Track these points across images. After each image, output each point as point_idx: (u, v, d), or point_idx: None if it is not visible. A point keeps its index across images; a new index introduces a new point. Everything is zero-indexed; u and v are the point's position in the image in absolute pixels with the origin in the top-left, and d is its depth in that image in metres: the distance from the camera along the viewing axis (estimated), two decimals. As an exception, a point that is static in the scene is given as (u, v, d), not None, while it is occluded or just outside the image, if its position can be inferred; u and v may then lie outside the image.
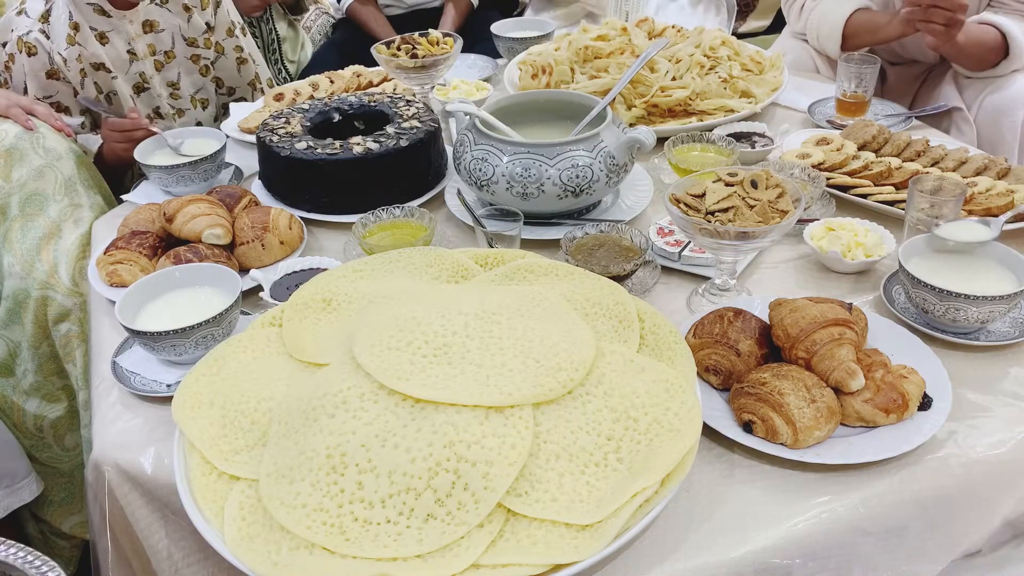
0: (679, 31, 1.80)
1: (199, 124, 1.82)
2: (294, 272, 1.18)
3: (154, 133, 1.50)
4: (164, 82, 1.70)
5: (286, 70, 2.45)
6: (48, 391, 1.42)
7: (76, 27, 1.55)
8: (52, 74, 1.58)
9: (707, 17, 2.40)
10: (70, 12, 1.56)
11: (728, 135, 1.48)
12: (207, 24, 1.71)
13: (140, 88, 1.69)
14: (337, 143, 1.35)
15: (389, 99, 1.51)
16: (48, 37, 1.55)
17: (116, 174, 1.64)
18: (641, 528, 0.71)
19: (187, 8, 1.67)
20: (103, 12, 1.59)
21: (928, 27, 1.54)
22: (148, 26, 1.63)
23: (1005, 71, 1.65)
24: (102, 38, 1.60)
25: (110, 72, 1.62)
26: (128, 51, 1.63)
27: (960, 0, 1.49)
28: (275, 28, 2.36)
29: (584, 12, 2.60)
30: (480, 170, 1.23)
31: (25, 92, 1.59)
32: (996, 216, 1.21)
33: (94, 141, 1.63)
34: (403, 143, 1.35)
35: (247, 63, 1.85)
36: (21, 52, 1.54)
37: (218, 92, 1.84)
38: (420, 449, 0.72)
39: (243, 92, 1.90)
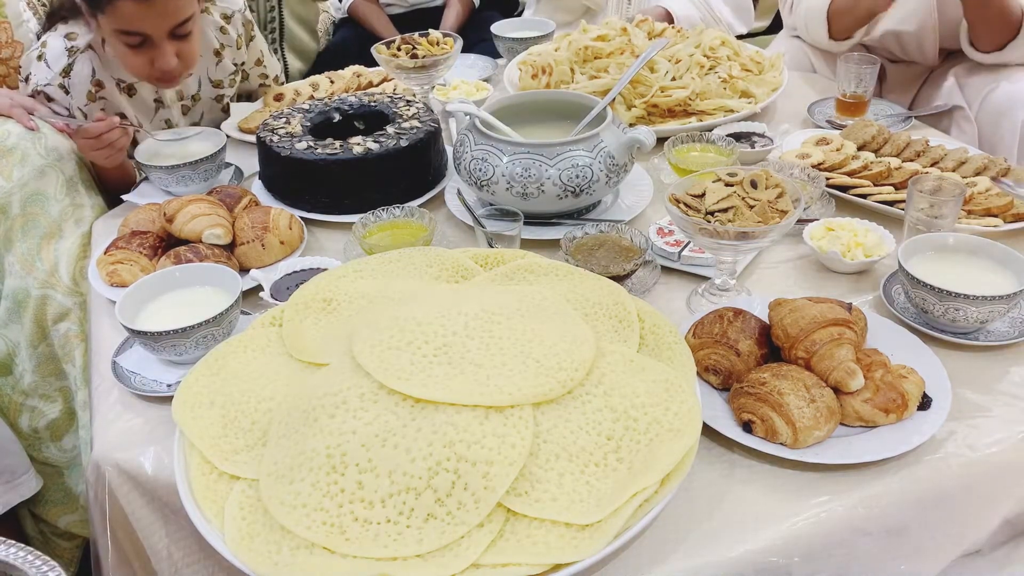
0: (679, 31, 1.80)
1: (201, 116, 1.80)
2: (294, 272, 1.18)
3: (130, 130, 1.45)
4: (188, 124, 1.68)
5: (284, 61, 2.43)
6: (45, 392, 1.42)
7: (99, 84, 1.50)
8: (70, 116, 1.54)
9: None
10: (93, 69, 1.50)
11: (728, 135, 1.48)
12: (234, 64, 1.69)
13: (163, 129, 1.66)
14: (337, 143, 1.35)
15: (389, 99, 1.51)
16: (67, 92, 1.50)
17: (119, 187, 1.59)
18: (641, 528, 0.71)
19: (217, 53, 1.64)
20: None
21: None
22: None
23: (1009, 56, 1.64)
24: (129, 90, 1.56)
25: (129, 121, 1.57)
26: (155, 99, 1.60)
27: None
28: (280, 17, 2.33)
29: (584, 10, 2.59)
30: (480, 170, 1.23)
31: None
32: (996, 216, 1.21)
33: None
34: (403, 143, 1.35)
35: (267, 85, 1.84)
36: (39, 98, 1.51)
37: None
38: (420, 449, 0.72)
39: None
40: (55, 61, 1.48)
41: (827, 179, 1.31)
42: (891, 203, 1.27)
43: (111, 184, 1.56)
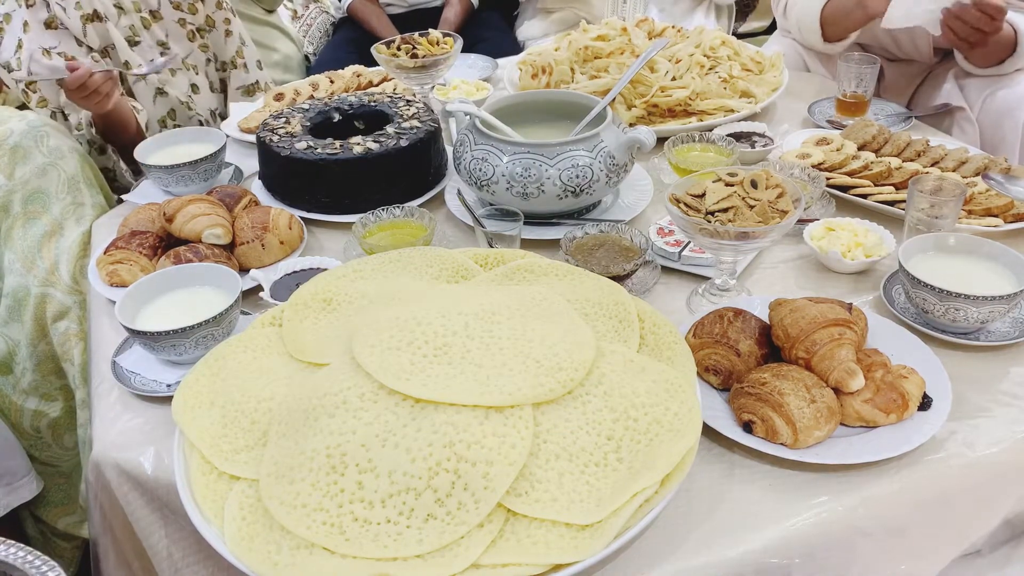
0: (679, 31, 1.80)
1: (194, 87, 1.80)
2: (294, 272, 1.18)
3: (111, 72, 1.45)
4: (154, 40, 1.68)
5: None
6: (46, 391, 1.42)
7: None
8: (51, 24, 1.55)
9: (707, 22, 2.40)
10: None
11: (728, 135, 1.48)
12: None
13: (132, 42, 1.66)
14: (337, 143, 1.35)
15: (389, 99, 1.51)
16: None
17: (123, 134, 1.58)
18: (641, 528, 0.71)
19: None
20: None
21: (955, 41, 1.53)
22: None
23: (1008, 69, 1.64)
24: None
25: (103, 20, 1.59)
26: (115, 4, 1.61)
27: (997, 24, 1.48)
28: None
29: (577, 20, 2.60)
30: (480, 170, 1.23)
31: (18, 47, 1.55)
32: (996, 216, 1.21)
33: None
34: (403, 143, 1.35)
35: (232, 35, 1.84)
36: (21, 7, 1.50)
37: (208, 63, 1.83)
38: (420, 449, 0.72)
39: (229, 67, 1.90)
40: None
41: (827, 179, 1.31)
42: (891, 203, 1.27)
43: (114, 134, 1.55)
